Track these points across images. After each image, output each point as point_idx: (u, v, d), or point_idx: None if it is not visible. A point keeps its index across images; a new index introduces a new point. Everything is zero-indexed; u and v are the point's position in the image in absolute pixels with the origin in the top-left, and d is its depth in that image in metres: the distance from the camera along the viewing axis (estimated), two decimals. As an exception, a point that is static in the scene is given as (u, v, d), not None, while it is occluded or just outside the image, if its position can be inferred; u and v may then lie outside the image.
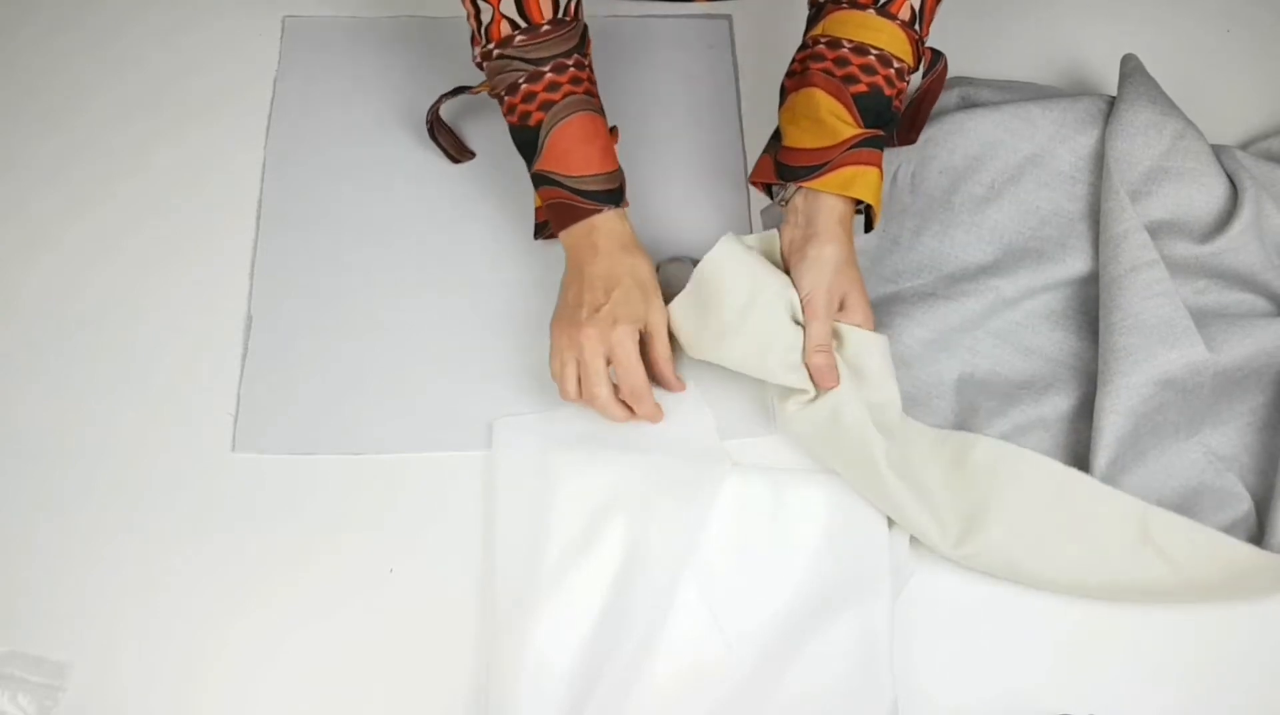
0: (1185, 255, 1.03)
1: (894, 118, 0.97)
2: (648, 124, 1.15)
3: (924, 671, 0.91)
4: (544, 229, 1.06)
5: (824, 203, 0.95)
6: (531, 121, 0.96)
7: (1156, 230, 1.03)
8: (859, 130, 0.94)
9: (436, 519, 0.97)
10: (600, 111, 0.98)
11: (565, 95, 0.95)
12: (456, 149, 1.13)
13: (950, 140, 1.08)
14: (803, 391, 0.96)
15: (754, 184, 1.01)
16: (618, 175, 0.99)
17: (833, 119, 0.94)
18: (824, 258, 0.95)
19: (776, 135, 1.00)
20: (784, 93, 0.99)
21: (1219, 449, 0.99)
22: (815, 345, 0.95)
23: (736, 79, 1.18)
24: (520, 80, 0.95)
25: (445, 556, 0.95)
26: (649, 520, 0.93)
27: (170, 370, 1.03)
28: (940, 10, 0.97)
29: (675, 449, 0.98)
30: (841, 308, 0.96)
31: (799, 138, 0.96)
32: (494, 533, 0.95)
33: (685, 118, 1.16)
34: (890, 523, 0.95)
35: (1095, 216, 1.04)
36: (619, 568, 0.92)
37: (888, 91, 0.94)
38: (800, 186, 0.96)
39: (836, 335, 0.96)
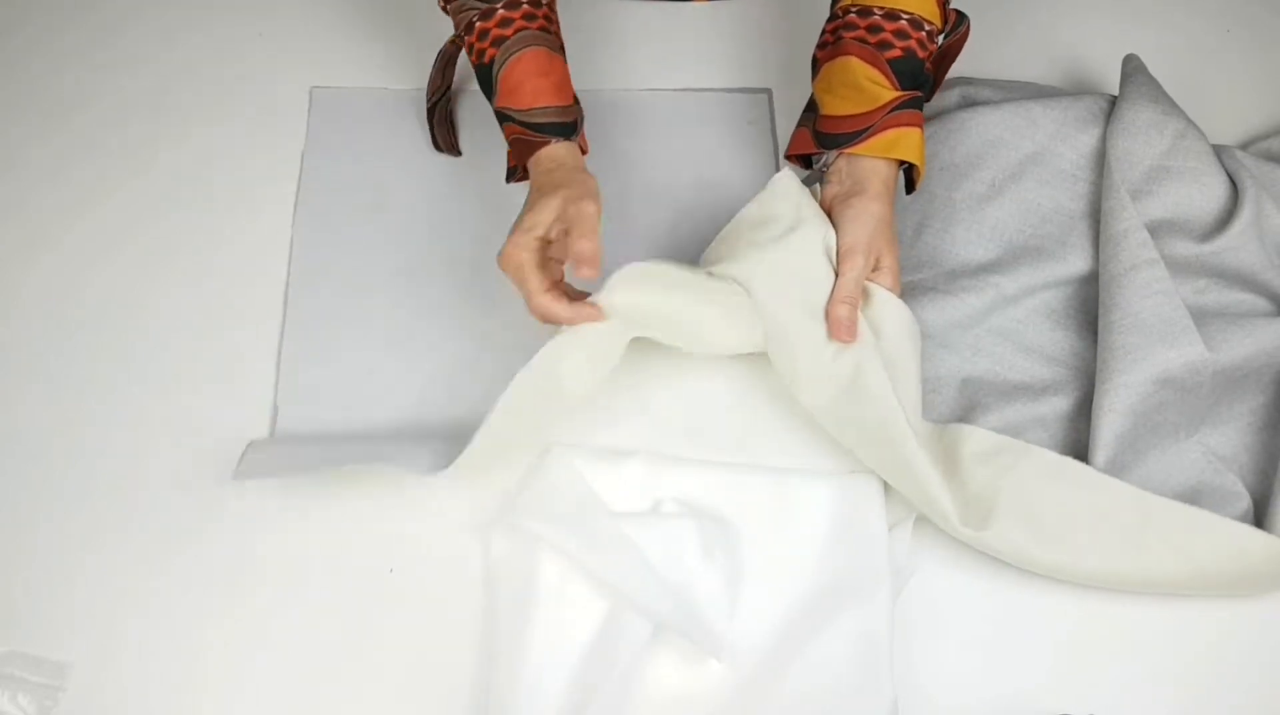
0: (1185, 254, 1.03)
1: (928, 79, 0.98)
2: (688, 200, 1.13)
3: (924, 671, 0.91)
4: (515, 172, 1.03)
5: (868, 165, 0.96)
6: (486, 58, 0.96)
7: (1157, 229, 1.03)
8: (898, 93, 0.95)
9: (436, 519, 0.96)
10: (558, 49, 0.97)
11: (517, 31, 0.95)
12: (447, 142, 1.13)
13: (952, 138, 1.08)
14: (820, 349, 0.94)
15: (789, 158, 1.01)
16: (573, 109, 0.97)
17: (871, 84, 0.95)
18: (871, 212, 0.95)
19: (809, 108, 1.00)
20: (816, 64, 1.00)
21: (1218, 448, 0.99)
22: (844, 295, 0.93)
23: (777, 154, 1.16)
24: (475, 19, 0.96)
25: (445, 556, 0.95)
26: (650, 527, 0.93)
27: (170, 371, 1.03)
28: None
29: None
30: (875, 268, 0.96)
31: (838, 105, 0.96)
32: (493, 542, 0.94)
33: (725, 193, 1.13)
34: (890, 525, 0.95)
35: (1096, 215, 1.05)
36: (620, 573, 0.92)
37: (921, 54, 0.96)
38: (843, 153, 0.96)
39: (865, 293, 0.96)
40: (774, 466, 0.98)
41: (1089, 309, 1.03)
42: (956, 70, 1.16)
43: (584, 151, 0.99)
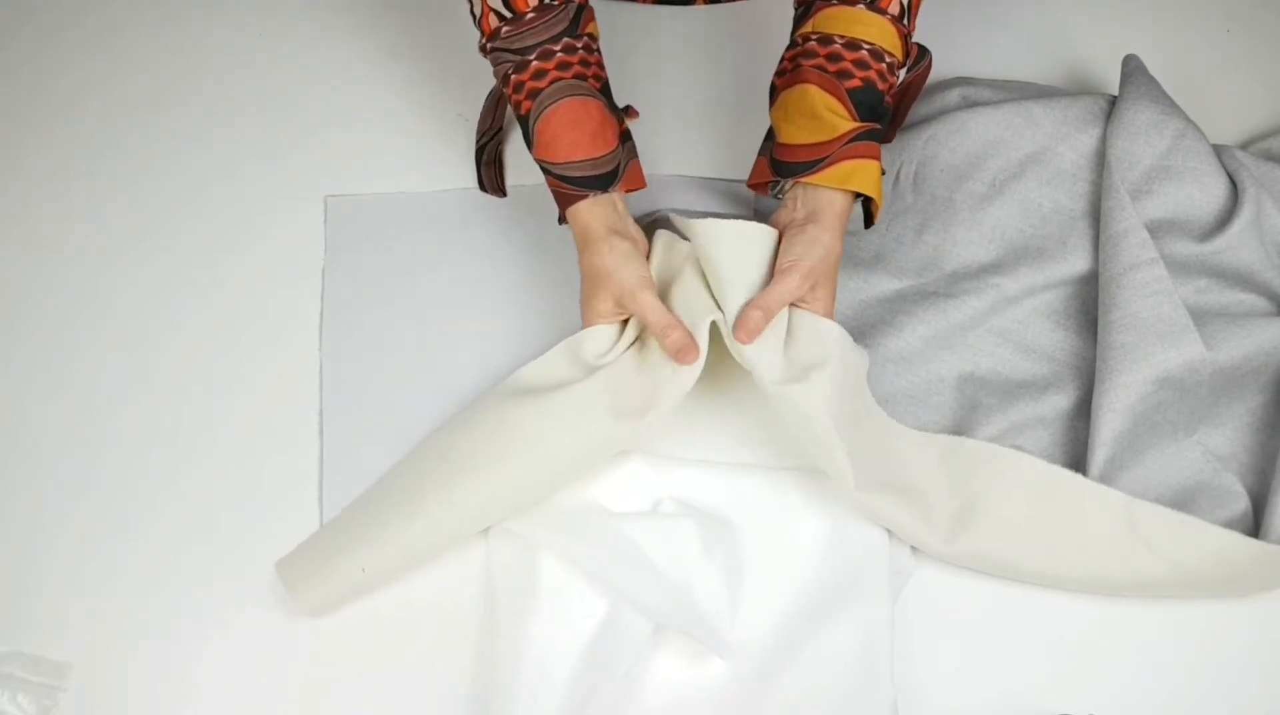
0: (1185, 254, 1.03)
1: (887, 112, 0.97)
2: None
3: (924, 671, 0.91)
4: (563, 218, 1.00)
5: (824, 196, 0.94)
6: (523, 111, 0.95)
7: (1157, 229, 1.03)
8: (856, 124, 0.94)
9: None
10: (594, 94, 0.95)
11: (552, 82, 0.94)
12: (493, 183, 1.12)
13: (952, 139, 1.08)
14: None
15: (751, 187, 1.01)
16: (609, 158, 0.96)
17: (829, 114, 0.94)
18: (820, 241, 0.93)
19: (769, 136, 0.99)
20: (774, 91, 0.98)
21: (1217, 448, 0.99)
22: (763, 301, 0.91)
23: None
24: (510, 71, 0.95)
25: (445, 556, 0.94)
26: (650, 526, 0.93)
27: (170, 370, 1.04)
28: (940, 10, 0.97)
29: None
30: (811, 294, 0.94)
31: (795, 134, 0.95)
32: (494, 542, 0.94)
33: None
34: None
35: (1096, 214, 1.05)
36: (620, 573, 0.91)
37: (881, 86, 0.94)
38: (799, 182, 0.95)
39: (797, 319, 0.93)
40: (773, 466, 0.98)
41: (1089, 309, 1.03)
42: (957, 70, 1.16)
43: (640, 186, 0.98)
